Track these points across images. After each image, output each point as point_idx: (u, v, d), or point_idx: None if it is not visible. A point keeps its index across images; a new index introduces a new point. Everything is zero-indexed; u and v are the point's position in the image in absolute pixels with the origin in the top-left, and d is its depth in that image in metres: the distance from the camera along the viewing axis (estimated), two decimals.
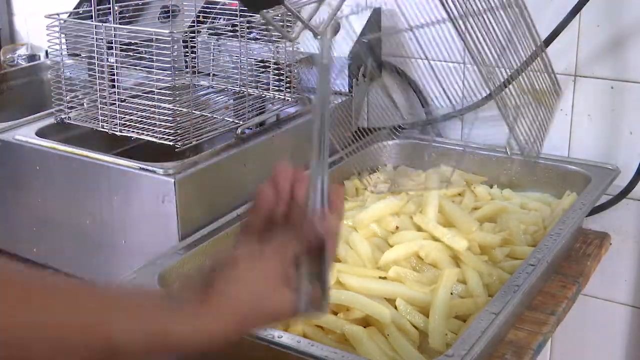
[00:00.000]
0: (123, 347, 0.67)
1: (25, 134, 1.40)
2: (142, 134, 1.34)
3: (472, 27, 1.03)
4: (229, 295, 0.71)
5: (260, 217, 0.78)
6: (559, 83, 1.28)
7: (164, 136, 1.32)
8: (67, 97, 1.43)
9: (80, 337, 0.65)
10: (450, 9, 1.01)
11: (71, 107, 1.44)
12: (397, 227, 1.25)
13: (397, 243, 1.20)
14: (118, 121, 1.37)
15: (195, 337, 0.70)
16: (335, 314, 1.08)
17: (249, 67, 1.49)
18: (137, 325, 0.68)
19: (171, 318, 0.70)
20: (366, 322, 1.07)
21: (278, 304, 0.73)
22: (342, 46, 1.54)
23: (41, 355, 0.65)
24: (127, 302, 0.70)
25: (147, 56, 1.38)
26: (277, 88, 1.52)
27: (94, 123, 1.40)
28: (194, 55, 1.54)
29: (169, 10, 1.69)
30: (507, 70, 1.14)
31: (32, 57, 2.15)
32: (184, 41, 1.47)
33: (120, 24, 1.49)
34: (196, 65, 1.56)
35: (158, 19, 1.70)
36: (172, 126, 1.32)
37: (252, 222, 0.79)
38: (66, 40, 1.44)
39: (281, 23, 1.43)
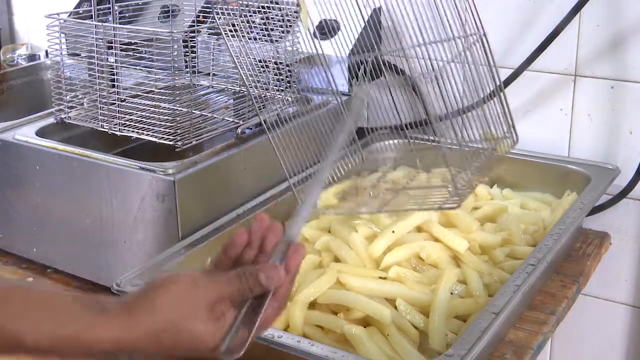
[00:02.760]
0: (34, 346, 0.71)
1: (25, 133, 1.40)
2: (142, 133, 1.34)
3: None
4: (153, 309, 0.73)
5: (229, 258, 0.82)
6: (515, 129, 1.24)
7: (164, 136, 1.32)
8: (67, 97, 1.43)
9: None
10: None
11: (71, 107, 1.44)
12: (393, 232, 1.24)
13: (398, 244, 1.20)
14: (118, 121, 1.37)
15: (106, 342, 0.72)
16: (335, 314, 1.08)
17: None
18: (48, 328, 0.71)
19: (87, 322, 0.72)
20: (366, 322, 1.07)
21: (197, 331, 0.74)
22: (342, 45, 1.54)
23: None
24: (45, 304, 0.74)
25: (147, 56, 1.38)
26: (277, 88, 1.52)
27: (94, 123, 1.40)
28: (194, 55, 1.54)
29: (169, 10, 1.69)
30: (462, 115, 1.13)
31: (32, 57, 2.15)
32: (184, 41, 1.47)
33: (120, 23, 1.49)
34: (196, 65, 1.56)
35: (158, 19, 1.70)
36: (172, 126, 1.32)
37: (220, 260, 0.82)
38: (66, 40, 1.44)
39: (281, 23, 1.43)
